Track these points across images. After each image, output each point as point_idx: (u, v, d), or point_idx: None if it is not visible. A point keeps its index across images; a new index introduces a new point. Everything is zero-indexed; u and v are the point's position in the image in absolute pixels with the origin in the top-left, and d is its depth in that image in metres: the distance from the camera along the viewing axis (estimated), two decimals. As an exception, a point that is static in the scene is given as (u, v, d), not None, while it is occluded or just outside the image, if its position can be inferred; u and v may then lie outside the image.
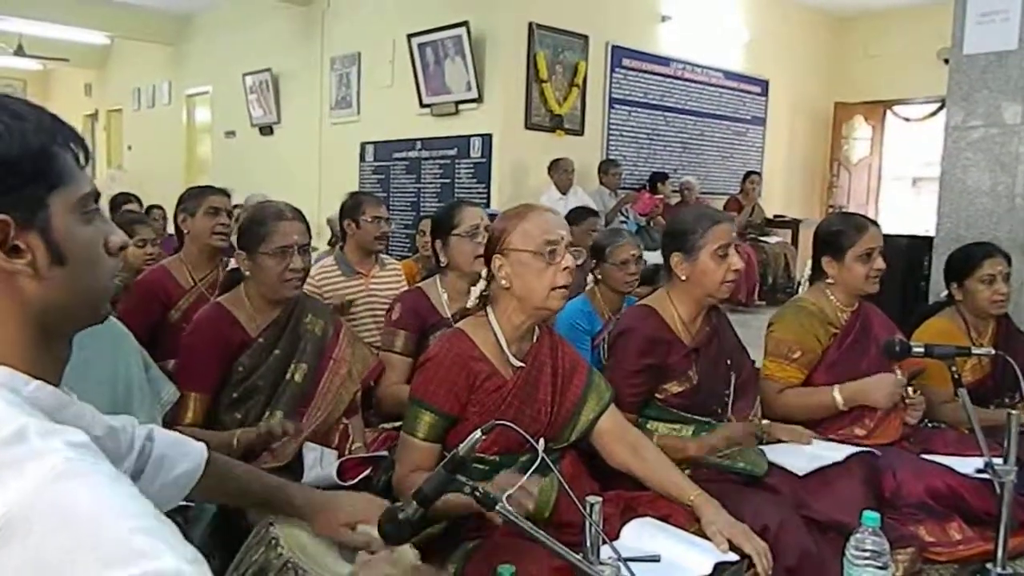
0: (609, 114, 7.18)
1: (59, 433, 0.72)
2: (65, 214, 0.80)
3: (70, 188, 0.81)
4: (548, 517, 1.69)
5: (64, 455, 0.69)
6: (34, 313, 0.80)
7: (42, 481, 0.66)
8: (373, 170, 7.70)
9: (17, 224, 0.76)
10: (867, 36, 9.10)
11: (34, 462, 0.67)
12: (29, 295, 0.79)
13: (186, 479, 1.20)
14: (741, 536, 1.64)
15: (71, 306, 0.83)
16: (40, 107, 0.83)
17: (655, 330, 2.14)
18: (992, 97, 3.58)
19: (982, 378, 2.72)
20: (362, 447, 2.21)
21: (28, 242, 0.78)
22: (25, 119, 0.79)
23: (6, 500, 0.65)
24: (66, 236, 0.80)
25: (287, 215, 2.12)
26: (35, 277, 0.79)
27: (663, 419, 2.14)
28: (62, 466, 0.68)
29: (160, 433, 1.20)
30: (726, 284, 2.11)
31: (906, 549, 2.04)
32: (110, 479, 0.70)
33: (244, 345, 2.10)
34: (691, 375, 2.13)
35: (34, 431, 0.70)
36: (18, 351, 0.79)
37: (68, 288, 0.82)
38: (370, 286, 3.17)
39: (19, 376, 0.78)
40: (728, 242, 2.11)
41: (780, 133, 8.95)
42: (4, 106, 0.78)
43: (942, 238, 3.73)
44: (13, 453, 0.68)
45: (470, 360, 1.73)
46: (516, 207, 1.82)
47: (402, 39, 6.83)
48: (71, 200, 0.81)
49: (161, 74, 11.21)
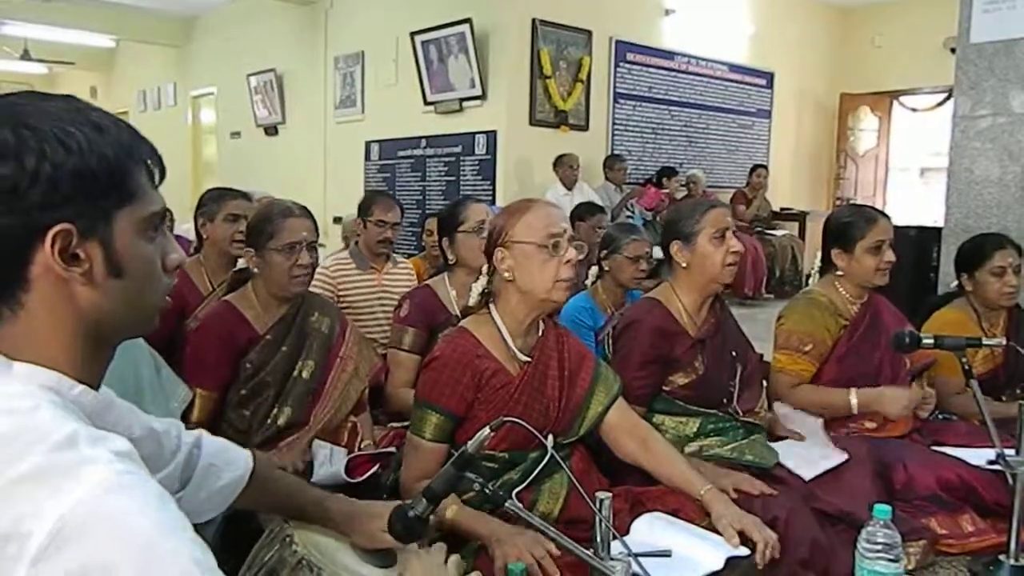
0: (614, 109, 7.16)
1: (105, 441, 0.74)
2: (130, 230, 0.81)
3: (139, 205, 0.82)
4: (558, 512, 1.70)
5: (115, 468, 0.71)
6: (86, 321, 0.81)
7: (96, 491, 0.68)
8: (378, 168, 7.71)
9: (80, 233, 0.77)
10: (873, 26, 9.05)
11: (86, 470, 0.69)
12: (83, 303, 0.80)
13: (231, 488, 1.20)
14: (751, 527, 1.64)
15: (123, 317, 0.84)
16: (120, 120, 0.83)
17: (661, 321, 2.14)
18: (1000, 86, 3.55)
19: (993, 369, 2.71)
20: (371, 444, 2.22)
21: (88, 252, 0.78)
22: (105, 132, 0.79)
23: (61, 507, 0.66)
24: (127, 251, 0.81)
25: (295, 212, 2.14)
26: (90, 286, 0.80)
27: (670, 412, 2.13)
28: (114, 479, 0.70)
29: (207, 440, 1.20)
30: (727, 267, 2.12)
31: (918, 541, 2.03)
32: (158, 498, 0.72)
33: (252, 342, 2.12)
34: (697, 366, 2.13)
35: (84, 438, 0.72)
36: (67, 356, 0.81)
37: (122, 300, 0.83)
38: (382, 281, 3.20)
39: (65, 380, 0.79)
40: (725, 226, 2.13)
41: (786, 125, 8.92)
42: (86, 117, 0.79)
43: (951, 228, 3.70)
44: (67, 459, 0.70)
45: (475, 358, 1.72)
46: (517, 202, 1.82)
47: (405, 37, 6.83)
48: (138, 217, 0.82)
49: (166, 76, 11.26)
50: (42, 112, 0.76)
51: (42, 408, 0.74)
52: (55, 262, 0.76)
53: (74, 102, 0.80)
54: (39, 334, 0.79)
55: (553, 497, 1.72)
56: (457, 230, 2.61)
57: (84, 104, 0.81)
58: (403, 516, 1.20)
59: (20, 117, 0.75)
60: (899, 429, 2.40)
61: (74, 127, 0.77)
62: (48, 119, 0.76)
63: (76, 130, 0.77)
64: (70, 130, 0.76)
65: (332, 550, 1.28)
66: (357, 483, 1.97)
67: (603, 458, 1.94)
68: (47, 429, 0.71)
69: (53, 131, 0.75)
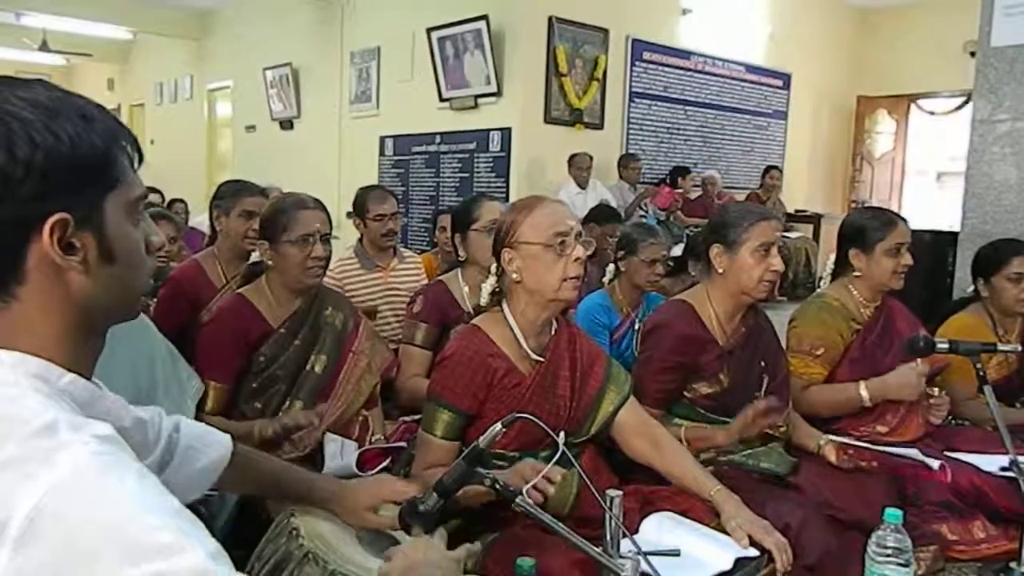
0: (629, 108, 7.15)
1: (87, 426, 0.74)
2: (117, 215, 0.83)
3: (124, 190, 0.83)
4: (568, 511, 1.69)
5: (91, 449, 0.70)
6: (77, 308, 0.82)
7: (70, 475, 0.68)
8: (392, 164, 7.72)
9: (75, 222, 0.78)
10: (891, 29, 8.98)
11: (62, 454, 0.69)
12: (75, 291, 0.81)
13: (211, 470, 1.22)
14: (761, 531, 1.63)
15: (112, 303, 0.85)
16: (104, 108, 0.84)
17: (690, 327, 2.11)
18: (1020, 90, 3.52)
19: (1008, 375, 2.69)
20: (382, 439, 2.23)
21: (83, 240, 0.80)
22: (93, 121, 0.81)
23: (35, 493, 0.66)
24: (116, 236, 0.82)
25: (308, 204, 2.14)
26: (84, 274, 0.81)
27: (690, 418, 2.12)
28: (89, 460, 0.69)
29: (186, 424, 1.22)
30: (764, 283, 2.07)
31: (928, 547, 2.03)
32: (136, 474, 0.72)
33: (265, 335, 2.12)
34: (722, 378, 2.10)
35: (64, 425, 0.72)
36: (57, 345, 0.81)
37: (112, 285, 0.83)
38: (389, 279, 3.19)
39: (54, 368, 0.80)
40: (772, 241, 2.07)
41: (802, 127, 8.86)
42: (75, 107, 0.80)
43: (967, 233, 3.67)
44: (42, 446, 0.69)
45: (487, 357, 1.72)
46: (523, 199, 1.81)
47: (421, 33, 6.83)
48: (124, 201, 0.83)
49: (183, 69, 11.30)
50: (27, 101, 0.76)
51: (27, 397, 0.74)
52: (54, 252, 0.77)
53: (55, 89, 0.80)
54: (30, 324, 0.79)
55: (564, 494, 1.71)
56: (470, 228, 2.60)
57: (64, 91, 0.81)
58: (414, 510, 1.20)
59: (4, 106, 0.75)
60: (910, 435, 2.38)
61: (63, 116, 0.78)
62: (36, 109, 0.76)
63: (66, 119, 0.78)
64: (60, 119, 0.77)
65: (338, 542, 1.29)
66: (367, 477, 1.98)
67: (614, 458, 1.93)
68: (27, 416, 0.71)
69: (42, 120, 0.76)
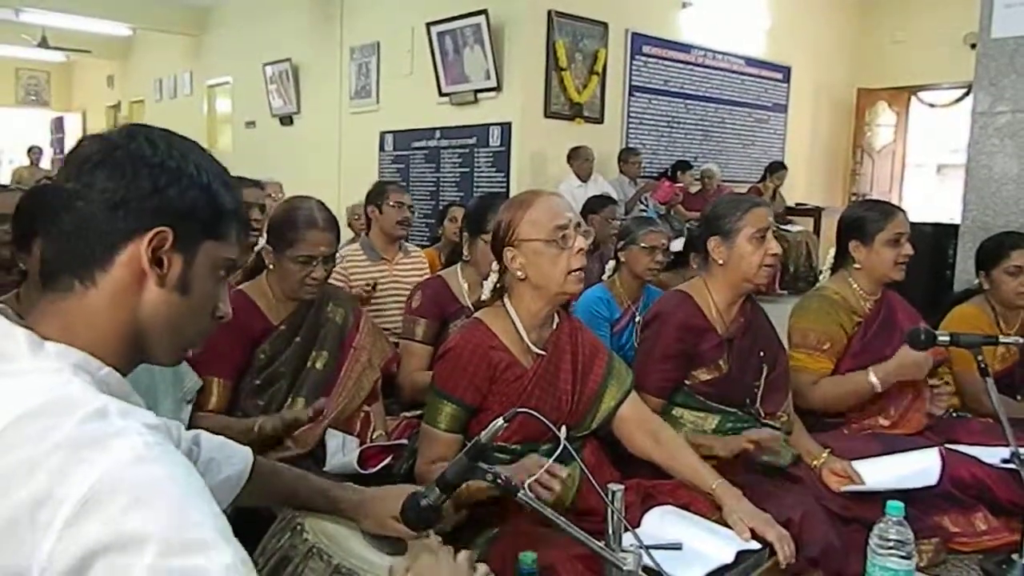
0: (629, 102, 7.13)
1: (135, 413, 0.78)
2: (207, 260, 0.91)
3: (223, 246, 0.93)
4: (570, 505, 1.70)
5: (144, 439, 0.74)
6: (137, 321, 0.87)
7: (126, 460, 0.72)
8: (392, 159, 7.71)
9: (173, 242, 0.86)
10: (892, 21, 8.96)
11: (117, 440, 0.73)
12: (144, 301, 0.87)
13: (233, 483, 1.24)
14: (763, 524, 1.64)
15: (165, 333, 0.90)
16: (238, 187, 0.97)
17: (689, 317, 2.12)
18: (1020, 82, 3.50)
19: (1009, 368, 2.69)
20: (383, 435, 2.22)
21: (171, 259, 0.87)
22: (230, 188, 0.94)
23: (90, 476, 0.69)
24: (198, 275, 0.90)
25: (319, 224, 2.09)
26: (159, 289, 0.87)
27: (689, 406, 2.13)
28: (143, 450, 0.73)
29: (206, 438, 1.24)
30: (764, 268, 2.09)
31: (931, 539, 2.03)
32: (184, 468, 0.76)
33: (266, 332, 2.12)
34: (721, 364, 2.12)
35: (114, 410, 0.76)
36: (106, 344, 0.85)
37: (173, 315, 0.90)
38: (394, 271, 3.22)
39: (93, 360, 0.83)
40: (766, 226, 2.10)
41: (802, 120, 8.85)
42: (222, 172, 0.94)
43: (967, 226, 3.67)
44: (98, 429, 0.73)
45: (490, 350, 1.73)
46: (518, 195, 1.81)
47: (421, 28, 6.82)
48: (218, 255, 0.93)
49: (182, 65, 11.29)
50: (194, 151, 0.91)
51: (74, 383, 0.78)
52: (145, 255, 0.85)
53: (214, 159, 0.95)
54: (94, 316, 0.84)
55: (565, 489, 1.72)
56: (481, 234, 2.58)
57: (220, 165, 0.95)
58: (416, 505, 1.20)
59: (183, 150, 0.89)
60: (912, 427, 2.39)
61: (214, 173, 0.92)
62: (201, 158, 0.91)
63: (214, 176, 0.91)
64: (210, 173, 0.91)
65: (342, 538, 1.28)
66: (369, 474, 1.97)
67: (615, 452, 1.93)
68: (79, 401, 0.75)
69: (197, 165, 0.90)
